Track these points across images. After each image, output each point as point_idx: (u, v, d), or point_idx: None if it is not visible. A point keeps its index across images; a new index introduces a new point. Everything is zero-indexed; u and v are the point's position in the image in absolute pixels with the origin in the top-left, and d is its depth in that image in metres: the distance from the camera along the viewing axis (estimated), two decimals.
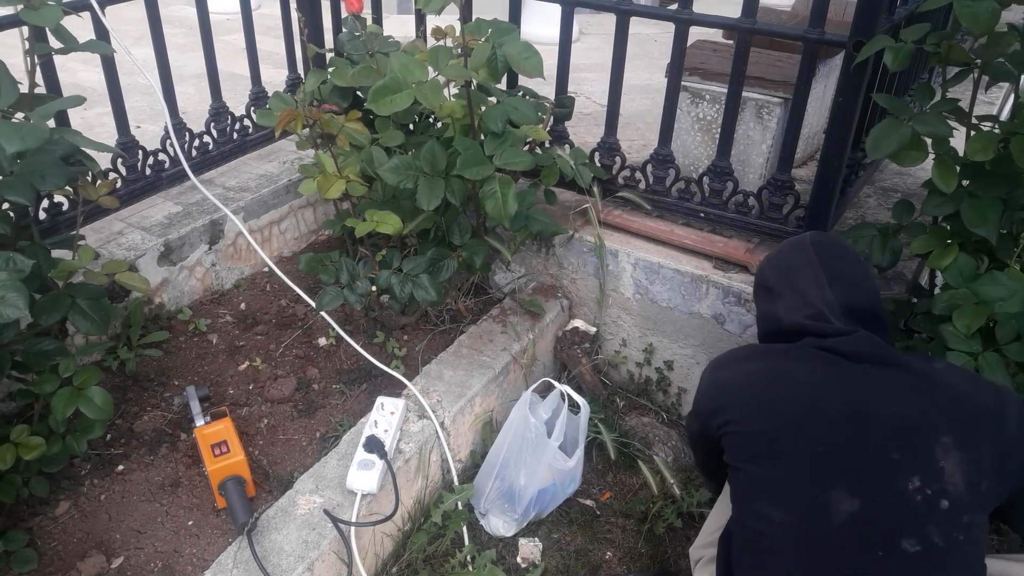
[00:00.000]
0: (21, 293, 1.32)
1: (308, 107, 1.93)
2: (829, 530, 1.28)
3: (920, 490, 1.26)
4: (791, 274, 1.55)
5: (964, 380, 1.37)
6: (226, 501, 1.70)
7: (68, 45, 1.69)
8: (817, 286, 1.49)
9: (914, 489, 1.26)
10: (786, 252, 1.61)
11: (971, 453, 1.28)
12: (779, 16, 2.98)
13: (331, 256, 2.12)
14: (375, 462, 1.77)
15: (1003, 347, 1.58)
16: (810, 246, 1.56)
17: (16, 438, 1.61)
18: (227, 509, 1.71)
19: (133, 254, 2.19)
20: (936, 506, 1.25)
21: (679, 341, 2.31)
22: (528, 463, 1.97)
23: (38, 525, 1.74)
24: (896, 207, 1.94)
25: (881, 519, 1.27)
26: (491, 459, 2.03)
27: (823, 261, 1.52)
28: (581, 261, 2.38)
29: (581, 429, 2.10)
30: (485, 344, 2.22)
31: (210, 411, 1.89)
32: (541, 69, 1.90)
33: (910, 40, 1.68)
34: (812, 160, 2.88)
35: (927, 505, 1.26)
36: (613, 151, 2.38)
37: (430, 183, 1.99)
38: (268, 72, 2.89)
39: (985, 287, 1.62)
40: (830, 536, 1.28)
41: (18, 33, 1.78)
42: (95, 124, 3.22)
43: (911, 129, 1.63)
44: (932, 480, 1.26)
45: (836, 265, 1.52)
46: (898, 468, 1.28)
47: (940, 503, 1.26)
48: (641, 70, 4.17)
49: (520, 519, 2.01)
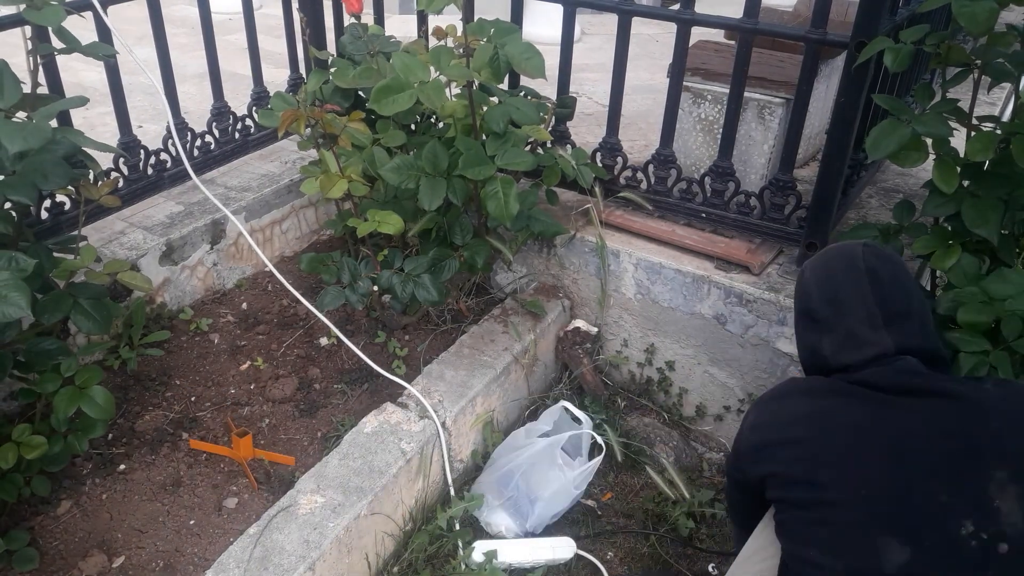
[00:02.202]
0: (23, 292, 1.32)
1: (310, 107, 1.93)
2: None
3: (975, 535, 1.16)
4: (843, 309, 1.38)
5: (1020, 399, 1.25)
6: None
7: (70, 45, 1.70)
8: (871, 327, 1.33)
9: (968, 534, 1.16)
10: (836, 274, 1.42)
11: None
12: (781, 16, 2.97)
13: (333, 256, 2.12)
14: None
15: (1011, 344, 1.57)
16: (864, 274, 1.37)
17: (18, 437, 1.62)
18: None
19: (135, 254, 2.19)
20: (994, 552, 1.15)
21: (680, 341, 2.31)
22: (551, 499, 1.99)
23: (40, 524, 1.74)
24: (897, 208, 1.94)
25: (934, 569, 1.17)
26: (502, 463, 2.03)
27: (879, 298, 1.35)
28: (583, 261, 2.38)
29: (584, 444, 2.12)
30: (486, 344, 2.22)
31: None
32: (543, 69, 1.90)
33: (910, 41, 1.67)
34: (814, 161, 2.88)
35: (983, 551, 1.15)
36: (615, 151, 2.38)
37: (432, 183, 1.99)
38: (270, 72, 2.90)
39: (994, 285, 1.60)
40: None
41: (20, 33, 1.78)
42: (97, 124, 3.23)
43: (911, 130, 1.62)
44: (987, 523, 1.16)
45: (895, 300, 1.35)
46: (948, 512, 1.17)
47: (998, 548, 1.15)
48: (643, 70, 4.17)
49: (527, 531, 2.01)
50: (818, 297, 1.42)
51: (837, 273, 1.41)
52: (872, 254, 1.41)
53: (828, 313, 1.40)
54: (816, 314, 1.42)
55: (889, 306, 1.34)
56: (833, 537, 1.23)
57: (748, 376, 2.20)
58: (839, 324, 1.38)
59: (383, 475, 1.80)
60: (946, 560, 1.16)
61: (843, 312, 1.38)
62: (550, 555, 1.94)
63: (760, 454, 1.36)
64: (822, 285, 1.43)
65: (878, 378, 1.29)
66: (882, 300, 1.35)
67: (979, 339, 1.59)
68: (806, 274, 1.48)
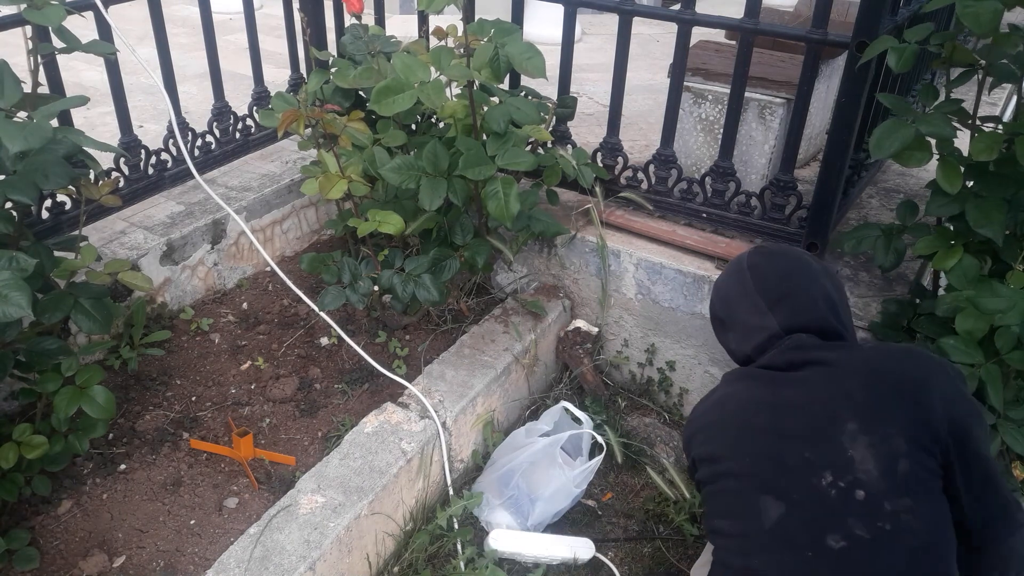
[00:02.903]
0: (24, 292, 1.32)
1: (311, 107, 1.93)
2: (763, 536, 1.30)
3: (833, 484, 1.26)
4: (733, 305, 1.55)
5: (886, 358, 1.35)
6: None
7: (71, 45, 1.70)
8: (758, 314, 1.49)
9: (827, 484, 1.26)
10: (726, 280, 1.59)
11: (878, 435, 1.26)
12: (782, 17, 2.97)
13: (333, 256, 2.12)
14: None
15: (1004, 356, 1.57)
16: (747, 271, 1.53)
17: (19, 437, 1.62)
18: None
19: (136, 253, 2.19)
20: (851, 498, 1.25)
21: (681, 341, 2.31)
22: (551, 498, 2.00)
23: (40, 524, 1.74)
24: (900, 207, 1.94)
25: (804, 519, 1.27)
26: (502, 463, 2.03)
27: (760, 287, 1.50)
28: (583, 261, 2.38)
29: (585, 445, 2.12)
30: (487, 344, 2.22)
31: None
32: (543, 69, 1.90)
33: (913, 41, 1.67)
34: (815, 161, 2.88)
35: (842, 499, 1.25)
36: (615, 151, 2.38)
37: (432, 183, 1.99)
38: (270, 72, 2.90)
39: (984, 299, 1.59)
40: (764, 541, 1.30)
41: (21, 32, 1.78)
42: (98, 123, 3.23)
43: (914, 130, 1.62)
44: (843, 472, 1.26)
45: (774, 288, 1.49)
46: (811, 466, 1.28)
47: (855, 494, 1.25)
48: (643, 70, 4.17)
49: (528, 530, 2.00)
50: (718, 303, 1.61)
51: (727, 278, 1.59)
52: (756, 252, 1.58)
53: (725, 312, 1.58)
54: (718, 314, 1.60)
55: (768, 293, 1.49)
56: (730, 504, 1.38)
57: None
58: (734, 319, 1.54)
59: (384, 475, 1.80)
60: (811, 511, 1.27)
61: (734, 308, 1.54)
62: (567, 554, 1.94)
63: (690, 444, 1.51)
64: (719, 292, 1.61)
65: (772, 359, 1.43)
66: (762, 290, 1.50)
67: (973, 349, 1.60)
68: (712, 290, 1.66)
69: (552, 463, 2.00)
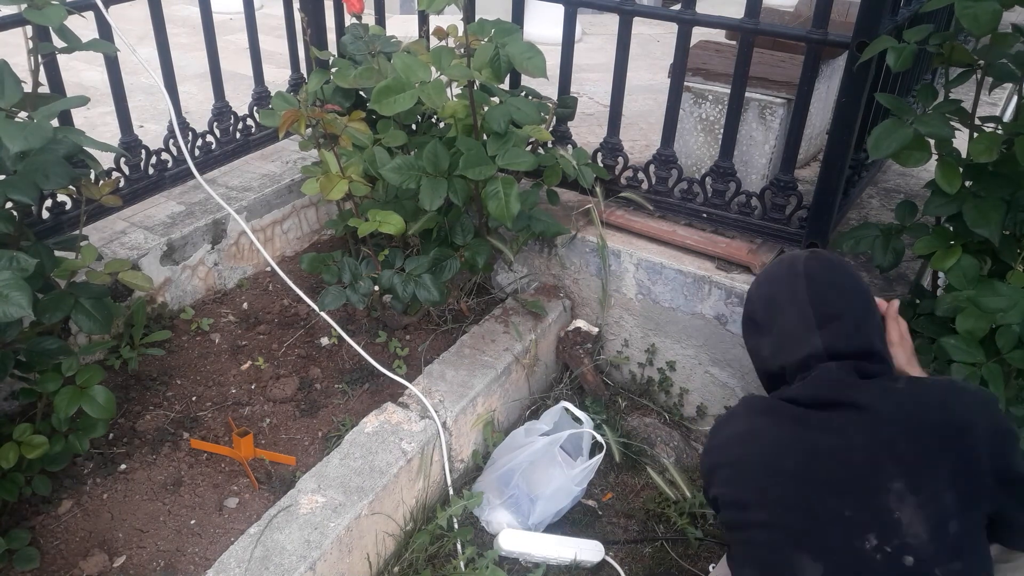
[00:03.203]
0: (24, 292, 1.32)
1: (311, 107, 1.93)
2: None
3: (878, 548, 1.16)
4: (778, 310, 1.41)
5: (925, 403, 1.25)
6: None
7: (71, 44, 1.70)
8: (804, 327, 1.36)
9: (872, 548, 1.16)
10: (776, 281, 1.45)
11: (926, 494, 1.17)
12: (782, 17, 2.98)
13: (334, 256, 2.12)
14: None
15: (1006, 356, 1.57)
16: (802, 277, 1.39)
17: (19, 437, 1.62)
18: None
19: (136, 253, 2.19)
20: (899, 564, 1.15)
21: (681, 342, 2.31)
22: (551, 497, 1.99)
23: (40, 524, 1.75)
24: (899, 208, 1.94)
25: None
26: (502, 462, 2.03)
27: (814, 299, 1.36)
28: (583, 261, 2.38)
29: (585, 444, 2.12)
30: (487, 344, 2.22)
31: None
32: (544, 69, 1.90)
33: (913, 41, 1.67)
34: (815, 161, 2.88)
35: (888, 565, 1.15)
36: (616, 151, 2.38)
37: (433, 183, 1.99)
38: (271, 72, 2.90)
39: (985, 298, 1.58)
40: None
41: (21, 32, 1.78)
42: (98, 123, 3.23)
43: (913, 130, 1.62)
44: (890, 535, 1.16)
45: (830, 304, 1.36)
46: (853, 526, 1.18)
47: (903, 560, 1.15)
48: (644, 70, 4.17)
49: (528, 529, 2.01)
50: (759, 302, 1.47)
51: (778, 279, 1.45)
52: (814, 259, 1.43)
53: (766, 314, 1.44)
54: (756, 315, 1.46)
55: (822, 307, 1.36)
56: (761, 558, 1.27)
57: (749, 376, 2.20)
58: (775, 325, 1.41)
59: (384, 475, 1.80)
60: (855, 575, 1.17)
61: (778, 315, 1.41)
62: (576, 556, 1.94)
63: (711, 477, 1.38)
64: (763, 290, 1.47)
65: (800, 391, 1.32)
66: (816, 301, 1.36)
67: (974, 348, 1.59)
68: (753, 286, 1.52)
69: (552, 462, 2.00)
